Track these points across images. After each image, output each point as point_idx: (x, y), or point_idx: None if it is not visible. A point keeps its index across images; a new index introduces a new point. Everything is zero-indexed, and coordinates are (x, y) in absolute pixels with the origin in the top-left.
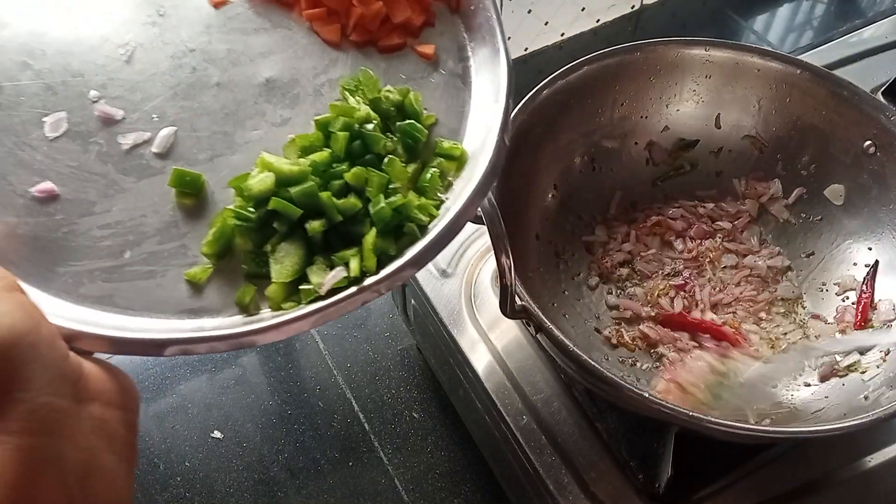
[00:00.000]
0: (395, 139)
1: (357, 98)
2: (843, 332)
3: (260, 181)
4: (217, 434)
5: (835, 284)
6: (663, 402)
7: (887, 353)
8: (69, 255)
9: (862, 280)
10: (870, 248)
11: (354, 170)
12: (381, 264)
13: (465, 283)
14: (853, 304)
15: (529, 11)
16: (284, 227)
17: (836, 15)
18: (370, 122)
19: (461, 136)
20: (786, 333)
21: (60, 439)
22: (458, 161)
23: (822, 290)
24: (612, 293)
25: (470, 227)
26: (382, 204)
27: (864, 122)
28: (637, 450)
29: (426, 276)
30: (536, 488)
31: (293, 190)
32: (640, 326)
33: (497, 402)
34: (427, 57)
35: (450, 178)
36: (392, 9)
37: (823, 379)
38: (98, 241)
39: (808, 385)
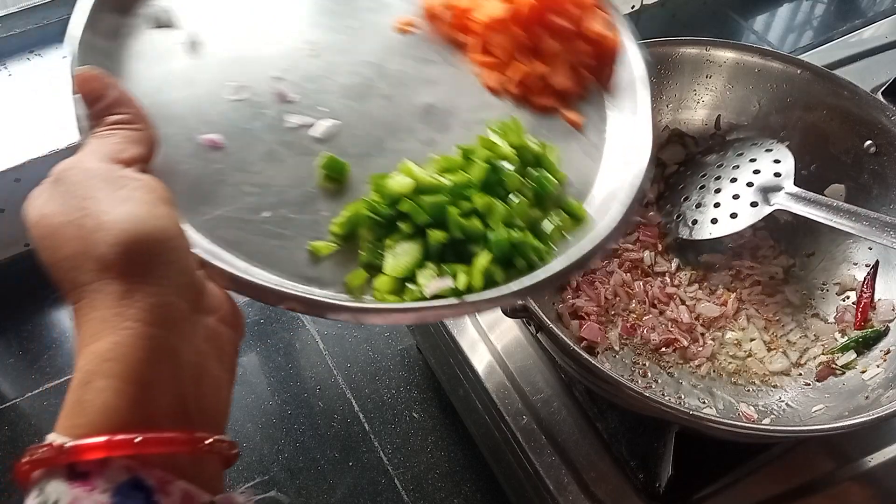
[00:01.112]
0: (527, 184)
1: (501, 140)
2: (843, 331)
3: (399, 183)
4: None
5: (835, 284)
6: (663, 402)
7: (887, 352)
8: (216, 200)
9: (862, 280)
10: (870, 248)
11: (485, 197)
12: (484, 287)
13: None
14: (853, 303)
15: None
16: (409, 228)
17: (836, 15)
18: (510, 161)
19: (586, 202)
20: (786, 333)
21: (178, 337)
22: (579, 221)
23: (822, 290)
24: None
25: None
26: (504, 233)
27: (864, 122)
28: (637, 450)
29: None
30: (536, 488)
31: (426, 198)
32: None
33: (497, 402)
34: (574, 124)
35: (565, 234)
36: (554, 75)
37: (821, 378)
38: (244, 195)
39: (808, 385)
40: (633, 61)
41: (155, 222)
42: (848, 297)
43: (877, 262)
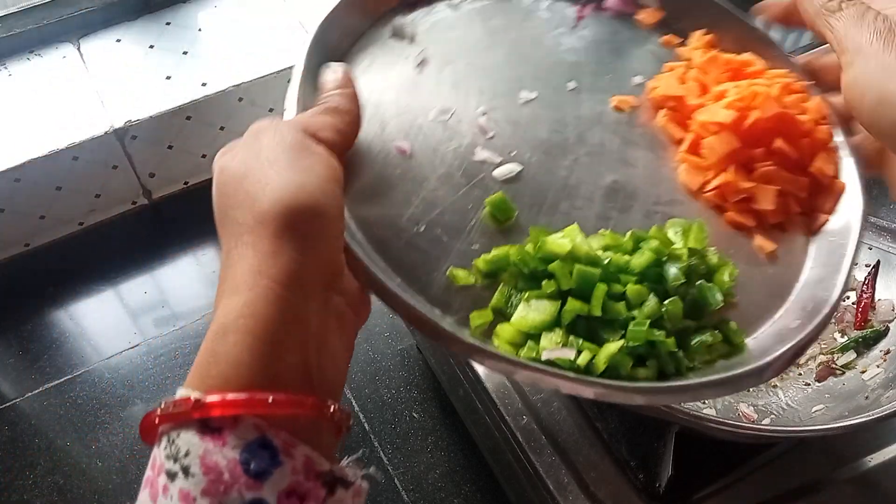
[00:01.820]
0: (690, 292)
1: (679, 239)
2: (842, 332)
3: (557, 242)
4: None
5: None
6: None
7: (887, 353)
8: (382, 201)
9: (862, 280)
10: (870, 248)
11: (639, 286)
12: (604, 374)
13: None
14: (853, 304)
15: None
16: (551, 289)
17: None
18: (680, 261)
19: (748, 334)
20: None
21: (309, 306)
22: (733, 349)
23: None
24: None
25: None
26: (644, 328)
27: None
28: (637, 450)
29: None
30: (536, 488)
31: (578, 266)
32: None
33: (497, 402)
34: (764, 252)
35: (713, 357)
36: (759, 195)
37: (820, 379)
38: (409, 206)
39: (808, 385)
40: (849, 213)
41: (320, 196)
42: (848, 297)
43: (877, 262)
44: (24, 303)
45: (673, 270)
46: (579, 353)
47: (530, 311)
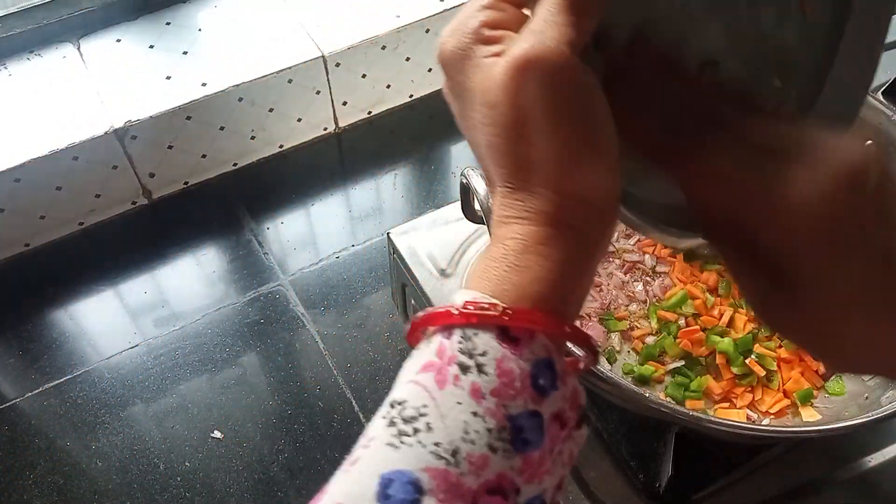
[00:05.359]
0: None
1: None
2: None
3: None
4: (217, 434)
5: None
6: (663, 402)
7: None
8: None
9: None
10: None
11: None
12: None
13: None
14: None
15: None
16: None
17: None
18: None
19: None
20: None
21: (596, 255)
22: None
23: None
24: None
25: (470, 227)
26: None
27: (864, 122)
28: (637, 450)
29: (426, 276)
30: None
31: None
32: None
33: None
34: None
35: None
36: None
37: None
38: None
39: None
40: None
41: (601, 148)
42: None
43: None
44: (24, 303)
45: None
46: None
47: None
